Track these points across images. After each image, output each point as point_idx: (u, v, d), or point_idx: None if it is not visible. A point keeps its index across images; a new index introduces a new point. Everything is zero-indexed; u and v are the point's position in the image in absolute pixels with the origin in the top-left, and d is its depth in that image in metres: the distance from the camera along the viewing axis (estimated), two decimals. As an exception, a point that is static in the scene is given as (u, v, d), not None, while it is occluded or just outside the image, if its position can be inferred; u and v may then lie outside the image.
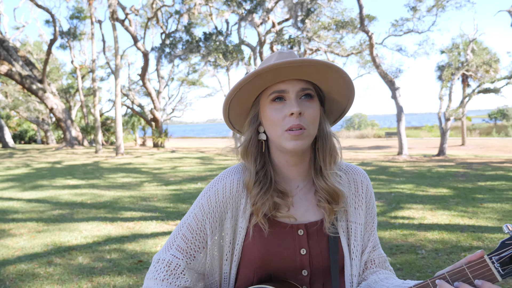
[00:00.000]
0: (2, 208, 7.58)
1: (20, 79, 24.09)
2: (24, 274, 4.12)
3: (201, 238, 1.04)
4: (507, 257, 0.81)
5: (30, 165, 16.56)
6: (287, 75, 0.96)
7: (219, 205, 1.03)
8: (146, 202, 7.84)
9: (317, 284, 1.02)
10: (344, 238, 1.04)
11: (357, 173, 1.11)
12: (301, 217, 1.03)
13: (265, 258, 1.00)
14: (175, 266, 1.02)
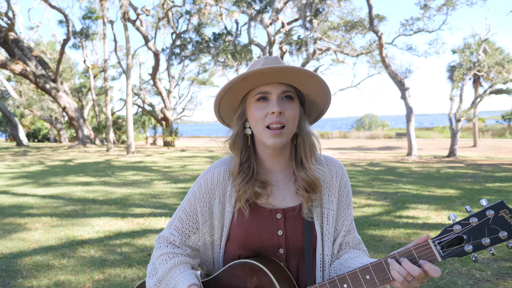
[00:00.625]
0: (17, 203, 7.83)
1: (34, 78, 24.55)
2: (39, 265, 4.32)
3: (194, 220, 1.21)
4: (447, 242, 0.95)
5: (44, 162, 16.92)
6: (271, 79, 1.09)
7: (208, 191, 1.19)
8: (155, 199, 8.03)
9: (292, 261, 1.16)
10: (318, 223, 1.17)
11: (333, 164, 1.24)
12: (280, 203, 1.18)
13: (247, 238, 1.15)
14: (173, 240, 1.21)
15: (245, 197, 1.14)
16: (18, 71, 23.89)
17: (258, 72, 1.06)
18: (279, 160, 1.19)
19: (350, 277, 1.01)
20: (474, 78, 26.45)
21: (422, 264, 0.95)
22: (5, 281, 3.91)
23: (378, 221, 5.86)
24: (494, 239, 0.94)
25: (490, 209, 0.95)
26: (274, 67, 1.05)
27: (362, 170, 12.78)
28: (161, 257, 1.19)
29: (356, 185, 9.40)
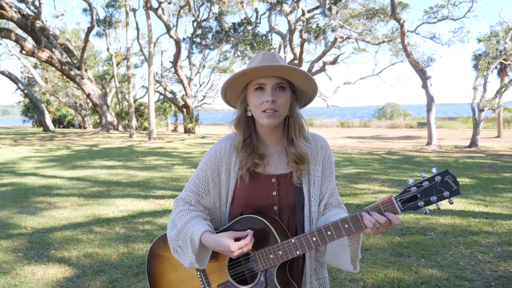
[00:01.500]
0: (47, 184, 8.32)
1: (60, 65, 25.29)
2: (69, 239, 4.69)
3: (206, 184, 1.46)
4: (405, 199, 1.21)
5: (70, 147, 17.59)
6: (266, 73, 1.33)
7: (216, 160, 1.45)
8: (176, 183, 8.38)
9: (284, 216, 1.42)
10: (306, 187, 1.41)
11: (319, 140, 1.46)
12: (274, 171, 1.43)
13: (248, 198, 1.41)
14: (189, 199, 1.47)
15: (246, 167, 1.39)
16: (44, 58, 24.65)
17: (255, 70, 1.31)
18: (274, 136, 1.44)
19: (333, 226, 1.25)
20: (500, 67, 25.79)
21: (387, 215, 1.21)
22: (39, 251, 4.29)
23: (390, 207, 6.01)
24: (439, 197, 1.17)
25: (438, 175, 1.17)
26: (268, 66, 1.29)
27: (379, 158, 12.84)
28: (179, 214, 1.44)
29: (372, 172, 9.53)
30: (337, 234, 1.25)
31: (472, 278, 3.42)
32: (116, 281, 3.50)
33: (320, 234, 1.26)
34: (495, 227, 4.88)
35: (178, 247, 1.42)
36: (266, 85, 1.34)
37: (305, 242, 1.27)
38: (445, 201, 6.13)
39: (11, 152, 15.35)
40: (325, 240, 1.26)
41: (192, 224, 1.38)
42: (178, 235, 1.41)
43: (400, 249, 4.17)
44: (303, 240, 1.27)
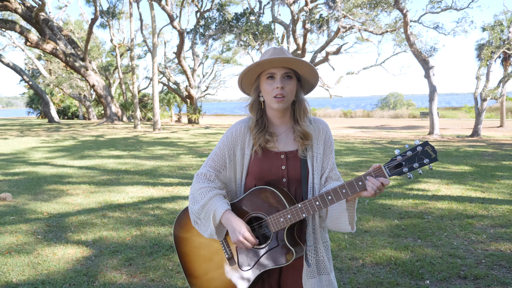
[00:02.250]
0: (57, 173, 8.59)
1: (64, 57, 25.46)
2: (84, 223, 4.95)
3: (223, 160, 1.69)
4: (392, 166, 1.44)
5: (76, 138, 17.87)
6: (276, 64, 1.57)
7: (232, 140, 1.68)
8: (182, 171, 8.63)
9: (291, 187, 1.65)
10: (310, 161, 1.63)
11: (320, 123, 1.69)
12: (283, 148, 1.65)
13: (261, 172, 1.63)
14: (209, 175, 1.69)
15: (259, 143, 1.62)
16: (49, 50, 24.82)
17: (268, 61, 1.55)
18: (282, 119, 1.67)
19: (333, 191, 1.48)
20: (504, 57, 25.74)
21: (378, 179, 1.43)
22: (57, 234, 4.56)
23: (390, 193, 6.25)
24: (420, 164, 1.40)
25: (420, 146, 1.39)
26: (278, 58, 1.53)
27: (381, 147, 13.03)
28: (201, 190, 1.65)
29: (373, 161, 9.74)
30: (336, 198, 1.48)
31: (464, 256, 3.65)
32: (132, 260, 3.76)
33: (322, 198, 1.49)
34: (490, 211, 5.10)
35: (199, 220, 1.64)
36: (276, 74, 1.58)
37: (309, 206, 1.50)
38: (445, 188, 6.35)
39: (19, 143, 15.64)
40: (326, 203, 1.48)
41: (214, 202, 1.60)
42: (201, 210, 1.63)
43: (398, 231, 4.40)
44: (308, 204, 1.50)
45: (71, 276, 3.43)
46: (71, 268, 3.61)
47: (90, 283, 3.30)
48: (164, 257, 3.80)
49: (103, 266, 3.63)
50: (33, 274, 3.49)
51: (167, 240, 4.29)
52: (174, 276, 3.39)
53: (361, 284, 3.15)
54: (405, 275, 3.30)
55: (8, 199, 6.26)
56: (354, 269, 3.45)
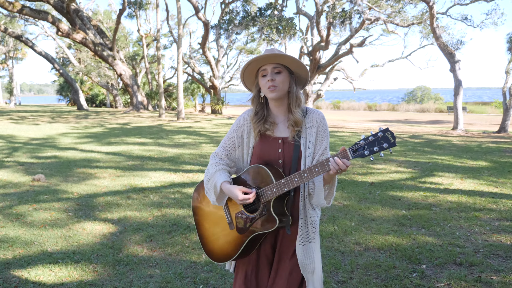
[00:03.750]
0: (86, 157, 9.10)
1: (93, 46, 26.26)
2: (110, 204, 5.36)
3: (232, 143, 1.99)
4: (355, 149, 1.67)
5: (104, 125, 18.56)
6: (268, 61, 1.84)
7: (240, 126, 1.98)
8: (203, 159, 8.99)
9: (286, 168, 1.90)
10: (303, 146, 1.89)
11: (314, 113, 1.94)
12: (280, 134, 1.92)
13: (261, 154, 1.92)
14: (220, 154, 2.00)
15: (257, 131, 1.91)
16: (79, 40, 25.65)
17: (257, 59, 1.83)
18: (280, 108, 1.93)
19: (308, 169, 1.74)
20: (537, 50, 24.88)
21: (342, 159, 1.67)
22: (86, 212, 4.97)
23: (402, 185, 6.40)
24: (380, 147, 1.63)
25: (381, 132, 1.62)
26: (262, 55, 1.81)
27: (401, 141, 13.04)
28: (212, 165, 1.98)
29: (391, 154, 9.82)
30: (310, 175, 1.73)
31: (464, 245, 3.82)
32: (153, 237, 4.12)
33: (299, 175, 1.75)
34: (499, 205, 5.20)
35: (208, 190, 1.97)
36: (267, 70, 1.85)
37: (289, 181, 1.76)
38: (458, 182, 6.43)
39: (50, 129, 16.41)
40: (303, 179, 1.74)
41: (217, 175, 1.91)
42: (208, 181, 1.95)
43: (404, 221, 4.60)
44: (289, 180, 1.76)
45: (98, 248, 3.81)
46: (99, 241, 4.00)
47: (115, 254, 3.66)
48: (181, 236, 4.14)
49: (126, 241, 4.00)
50: (65, 245, 3.89)
51: (185, 221, 4.63)
52: (190, 252, 3.72)
53: (360, 266, 3.39)
54: (403, 259, 3.52)
55: (42, 180, 6.76)
56: (356, 253, 3.69)
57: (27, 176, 7.10)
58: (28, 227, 4.42)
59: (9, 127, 17.14)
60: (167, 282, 3.13)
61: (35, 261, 3.53)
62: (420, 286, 3.04)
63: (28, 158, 9.07)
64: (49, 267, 3.41)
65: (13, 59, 45.38)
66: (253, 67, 1.88)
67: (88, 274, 3.28)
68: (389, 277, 3.17)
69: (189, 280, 3.18)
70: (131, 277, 3.22)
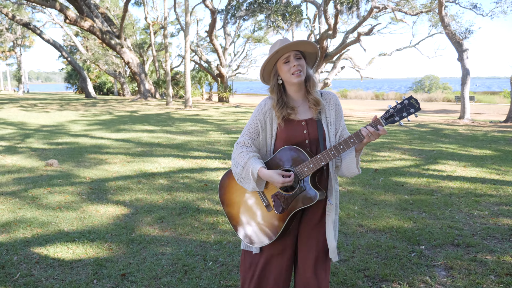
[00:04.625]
0: (96, 144, 9.32)
1: (101, 34, 26.38)
2: (122, 187, 5.56)
3: (256, 130, 2.11)
4: (387, 117, 1.81)
5: (112, 113, 18.79)
6: (289, 48, 1.97)
7: (263, 113, 2.10)
8: (211, 146, 9.16)
9: (312, 146, 2.05)
10: (325, 124, 2.05)
11: (330, 94, 2.11)
12: (303, 116, 2.06)
13: (288, 137, 2.04)
14: (247, 142, 2.11)
15: (281, 117, 2.04)
16: (86, 27, 25.76)
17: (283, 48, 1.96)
18: (299, 93, 2.08)
19: (343, 141, 1.89)
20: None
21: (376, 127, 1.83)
22: (99, 195, 5.18)
23: (406, 172, 6.53)
24: (407, 113, 1.79)
25: (406, 100, 1.77)
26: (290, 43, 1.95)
27: (407, 130, 13.11)
28: (240, 154, 2.07)
29: (396, 142, 9.93)
30: (346, 146, 1.88)
31: (462, 228, 3.97)
32: (164, 218, 4.31)
33: (335, 148, 1.89)
34: (499, 192, 5.32)
35: (242, 178, 2.06)
36: (290, 57, 1.99)
37: (326, 155, 1.90)
38: (462, 169, 6.54)
39: (59, 116, 16.67)
40: (339, 151, 1.89)
41: (251, 161, 2.02)
42: (242, 170, 2.05)
43: (406, 205, 4.74)
44: (325, 154, 1.91)
45: (112, 228, 4.01)
46: (112, 222, 4.20)
47: (128, 234, 3.86)
48: (191, 217, 4.33)
49: (139, 222, 4.19)
50: (80, 226, 4.10)
51: (194, 204, 4.82)
52: (199, 232, 3.90)
53: (362, 246, 3.56)
54: (403, 240, 3.67)
55: (55, 165, 6.98)
56: (358, 234, 3.85)
57: (40, 161, 7.33)
58: (44, 209, 4.63)
59: (20, 114, 17.43)
60: (178, 259, 3.32)
61: (53, 239, 3.74)
62: (418, 264, 3.20)
63: (40, 144, 9.31)
64: (66, 245, 3.61)
65: (21, 46, 45.66)
66: (274, 57, 2.01)
67: (104, 252, 3.48)
68: (388, 256, 3.33)
69: (199, 257, 3.36)
70: (144, 255, 3.42)
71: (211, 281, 2.95)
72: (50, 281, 2.96)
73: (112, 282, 2.95)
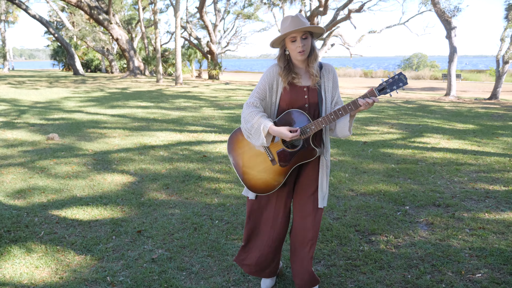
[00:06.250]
0: (93, 119, 9.50)
1: (89, 10, 25.95)
2: (125, 159, 5.83)
3: (264, 92, 2.38)
4: (380, 89, 2.11)
5: (103, 89, 18.78)
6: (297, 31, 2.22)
7: (271, 77, 2.37)
8: (206, 121, 9.42)
9: (311, 110, 2.34)
10: (323, 92, 2.34)
11: (329, 66, 2.39)
12: (305, 83, 2.34)
13: (291, 100, 2.33)
14: (256, 103, 2.38)
15: (287, 81, 2.32)
16: (74, 2, 25.28)
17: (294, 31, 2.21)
18: (303, 65, 2.36)
19: (342, 108, 2.18)
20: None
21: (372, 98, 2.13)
22: (104, 166, 5.45)
23: (393, 144, 6.91)
24: (397, 86, 2.10)
25: (396, 75, 2.07)
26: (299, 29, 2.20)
27: (394, 106, 13.50)
28: (251, 113, 2.34)
29: (384, 117, 10.31)
30: (344, 112, 2.18)
31: (443, 191, 4.37)
32: (168, 185, 4.62)
33: (335, 113, 2.19)
34: (479, 161, 5.74)
35: (250, 134, 2.33)
36: (297, 37, 2.25)
37: (327, 119, 2.20)
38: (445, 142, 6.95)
39: (50, 93, 16.64)
40: (338, 116, 2.19)
41: (262, 119, 2.29)
42: (252, 127, 2.32)
43: (392, 173, 5.13)
44: (326, 118, 2.20)
45: (122, 194, 4.31)
46: (121, 189, 4.50)
47: (137, 198, 4.17)
48: (194, 184, 4.65)
49: (146, 188, 4.50)
50: (91, 192, 4.39)
51: (196, 172, 5.13)
52: (203, 196, 4.23)
53: (353, 207, 3.93)
54: (390, 202, 4.06)
55: (56, 139, 7.20)
56: (349, 197, 4.22)
57: (41, 135, 7.52)
58: (54, 178, 4.90)
59: (10, 91, 17.34)
60: (187, 218, 3.65)
61: (68, 204, 4.03)
62: (402, 221, 3.58)
63: (37, 120, 9.45)
64: (81, 208, 3.91)
65: (5, 22, 44.50)
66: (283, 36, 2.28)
67: (118, 213, 3.79)
68: (377, 215, 3.71)
69: (205, 217, 3.70)
70: (155, 215, 3.74)
71: (219, 236, 3.30)
72: (73, 237, 3.27)
73: (129, 238, 3.27)
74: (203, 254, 3.00)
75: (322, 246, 3.11)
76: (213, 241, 3.21)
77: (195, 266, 2.83)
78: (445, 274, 2.68)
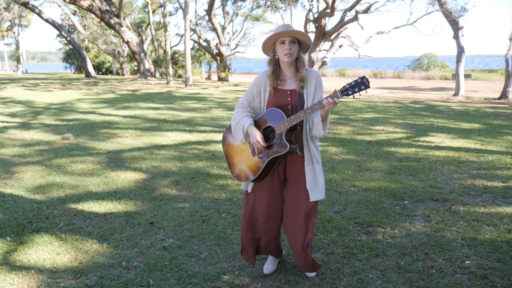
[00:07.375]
0: (106, 120, 9.80)
1: (100, 13, 26.44)
2: (137, 157, 6.09)
3: (253, 95, 2.62)
4: (343, 90, 2.29)
5: (115, 91, 19.17)
6: (286, 34, 2.44)
7: (259, 82, 2.60)
8: (215, 121, 9.66)
9: (293, 111, 2.55)
10: (305, 95, 2.54)
11: (313, 72, 2.58)
12: (289, 87, 2.56)
13: (275, 102, 2.55)
14: (244, 103, 2.62)
15: (273, 85, 2.55)
16: (85, 6, 25.81)
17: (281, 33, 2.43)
18: (290, 69, 2.57)
19: (310, 107, 2.38)
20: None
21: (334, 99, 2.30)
22: (118, 164, 5.71)
23: (397, 143, 7.06)
24: (359, 88, 2.26)
25: (360, 78, 2.25)
26: (286, 31, 2.42)
27: (401, 106, 13.59)
28: (238, 112, 2.61)
29: (390, 117, 10.44)
30: (311, 111, 2.37)
31: (442, 187, 4.53)
32: (179, 181, 4.85)
33: (304, 111, 2.39)
34: (481, 159, 5.87)
35: (236, 131, 2.61)
36: (286, 41, 2.48)
37: (297, 116, 2.41)
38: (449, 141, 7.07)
39: (64, 95, 17.06)
40: (306, 114, 2.38)
41: (244, 119, 2.55)
42: (237, 124, 2.59)
43: (394, 170, 5.29)
44: (296, 115, 2.41)
45: (134, 189, 4.55)
46: (133, 185, 4.75)
47: (149, 193, 4.41)
48: (203, 181, 4.87)
49: (157, 184, 4.74)
50: (106, 187, 4.64)
51: (205, 170, 5.36)
52: (212, 192, 4.45)
53: (354, 201, 4.12)
54: (389, 197, 4.23)
55: (71, 138, 7.49)
56: (351, 193, 4.41)
57: (56, 135, 7.83)
58: (70, 175, 5.17)
59: (25, 93, 17.81)
60: (196, 211, 3.87)
61: (84, 198, 4.28)
62: (400, 214, 3.76)
63: (52, 120, 9.79)
64: (97, 202, 4.16)
65: (19, 26, 45.43)
66: (273, 38, 2.50)
67: (131, 207, 4.03)
68: (376, 209, 3.90)
69: (213, 210, 3.92)
70: (166, 208, 3.97)
71: (225, 227, 3.52)
72: (90, 228, 3.51)
73: (142, 228, 3.51)
74: (210, 243, 3.22)
75: (322, 237, 3.31)
76: (220, 231, 3.43)
77: (203, 253, 3.05)
78: (436, 261, 2.86)
